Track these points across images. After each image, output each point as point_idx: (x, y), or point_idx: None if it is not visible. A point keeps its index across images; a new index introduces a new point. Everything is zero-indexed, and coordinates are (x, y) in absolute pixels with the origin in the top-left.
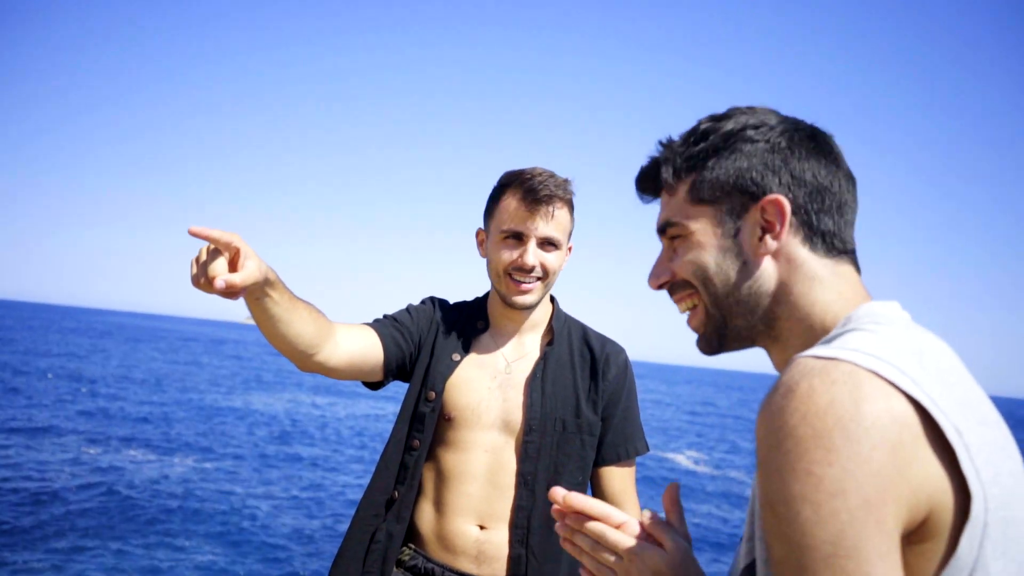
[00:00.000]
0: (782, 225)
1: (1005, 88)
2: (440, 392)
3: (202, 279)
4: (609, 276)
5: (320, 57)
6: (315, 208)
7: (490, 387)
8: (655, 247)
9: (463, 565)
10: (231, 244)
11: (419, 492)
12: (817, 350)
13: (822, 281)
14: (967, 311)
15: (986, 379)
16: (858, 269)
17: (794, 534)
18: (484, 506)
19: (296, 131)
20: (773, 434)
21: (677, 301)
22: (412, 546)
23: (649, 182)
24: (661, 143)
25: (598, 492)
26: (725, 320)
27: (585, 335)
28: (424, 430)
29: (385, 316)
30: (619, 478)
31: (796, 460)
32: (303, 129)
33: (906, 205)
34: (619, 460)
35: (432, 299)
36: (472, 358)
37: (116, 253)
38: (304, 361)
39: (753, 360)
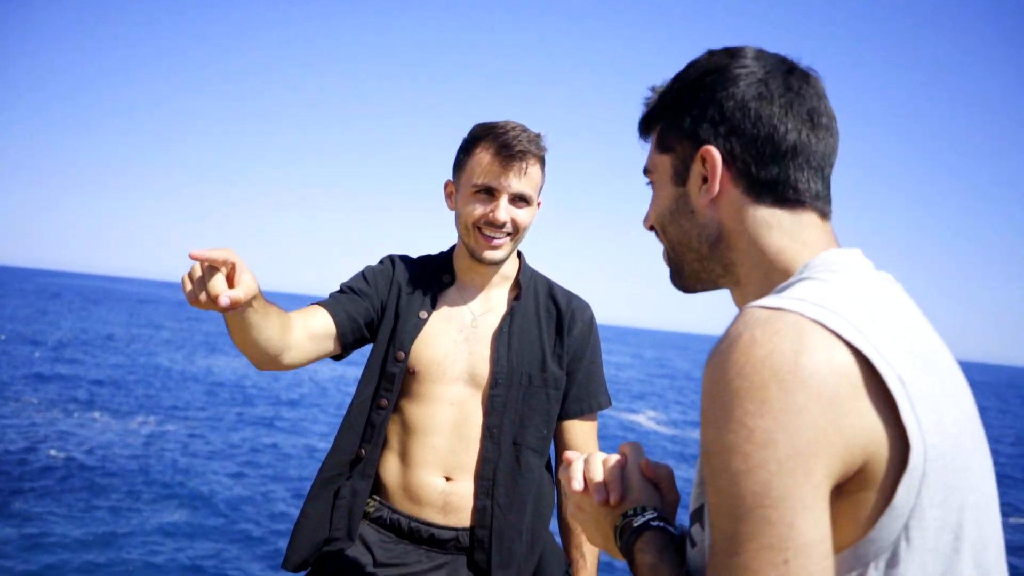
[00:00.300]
0: (713, 176)
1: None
2: (408, 351)
3: (202, 296)
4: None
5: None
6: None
7: (456, 340)
8: (621, 209)
9: (429, 516)
10: (228, 260)
11: (384, 445)
12: (766, 300)
13: (771, 229)
14: (974, 281)
15: (991, 348)
16: (825, 216)
17: (725, 483)
18: (450, 458)
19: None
20: (712, 385)
21: (661, 243)
22: (377, 498)
23: (640, 126)
24: (650, 88)
25: (561, 446)
26: (681, 264)
27: (551, 290)
28: (392, 389)
29: (341, 288)
30: (582, 432)
31: (731, 411)
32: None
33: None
34: (583, 414)
35: (391, 258)
36: (438, 313)
37: (70, 213)
38: (265, 363)
39: (716, 322)
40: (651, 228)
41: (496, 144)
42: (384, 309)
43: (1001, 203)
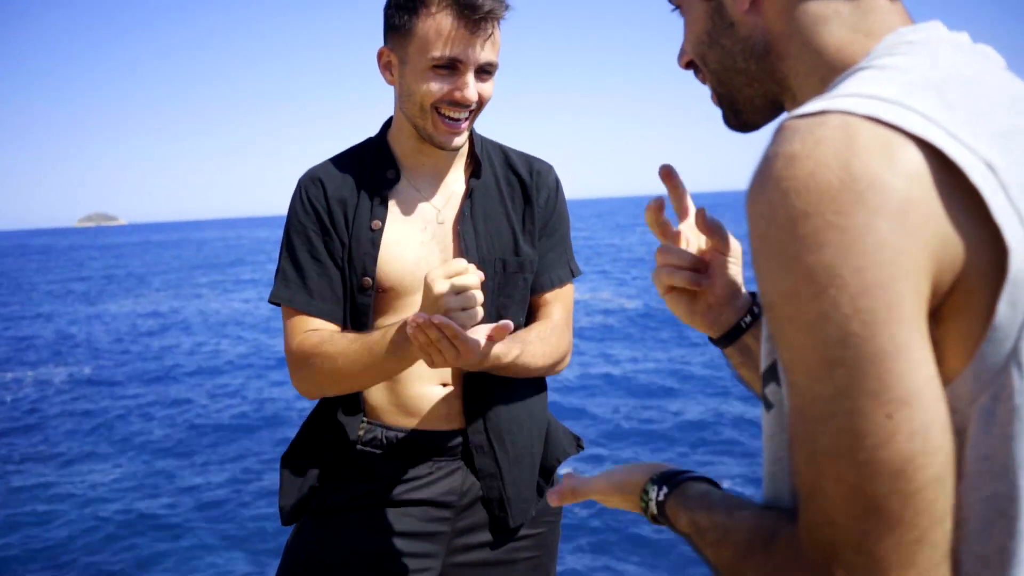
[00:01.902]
0: None
1: None
2: (375, 275)
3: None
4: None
5: None
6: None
7: (423, 241)
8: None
9: (431, 424)
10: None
11: None
12: (806, 106)
13: (827, 23)
14: None
15: None
16: None
17: (795, 337)
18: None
19: None
20: (756, 221)
21: (702, 82)
22: (366, 420)
23: None
24: None
25: (535, 319)
26: (732, 94)
27: (508, 159)
28: (368, 321)
29: (286, 272)
30: (558, 304)
31: (782, 250)
32: None
33: None
34: (560, 284)
35: (305, 188)
36: (395, 216)
37: None
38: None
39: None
40: (688, 65)
41: (457, 4)
42: (342, 244)
43: None
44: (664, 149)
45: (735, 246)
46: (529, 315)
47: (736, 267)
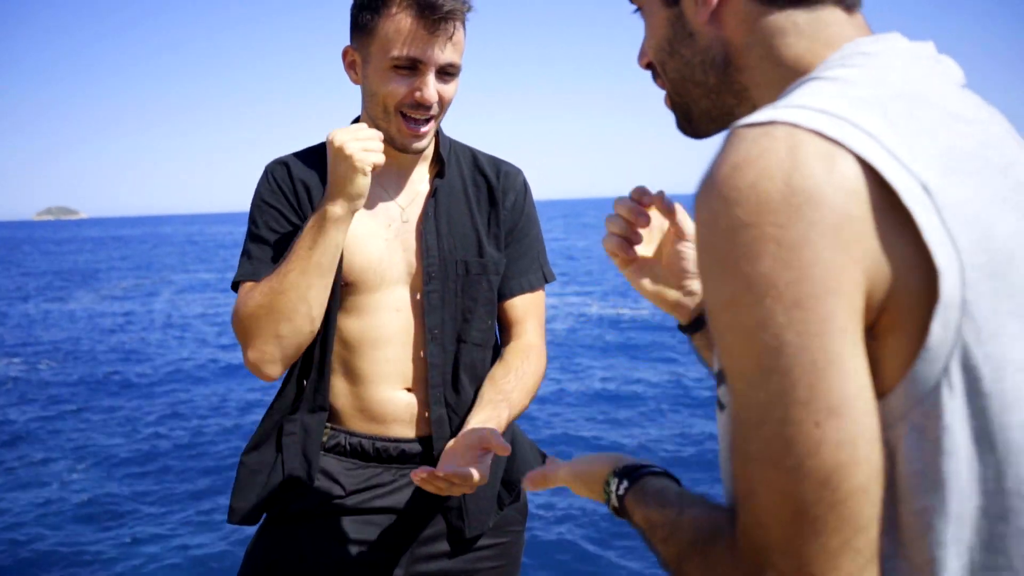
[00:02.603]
0: None
1: None
2: (338, 266)
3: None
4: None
5: None
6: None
7: (387, 239)
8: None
9: (397, 432)
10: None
11: (330, 371)
12: (755, 114)
13: (786, 35)
14: None
15: None
16: (851, 8)
17: (733, 343)
18: (406, 368)
19: None
20: (701, 228)
21: (660, 86)
22: (329, 425)
23: None
24: None
25: (507, 326)
26: (688, 105)
27: (476, 160)
28: (330, 312)
29: (252, 252)
30: (527, 310)
31: (722, 257)
32: None
33: None
34: (531, 288)
35: (272, 171)
36: (360, 213)
37: None
38: (289, 354)
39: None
40: (647, 66)
41: (417, 4)
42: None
43: None
44: (625, 150)
45: (692, 230)
46: (501, 322)
47: (693, 251)
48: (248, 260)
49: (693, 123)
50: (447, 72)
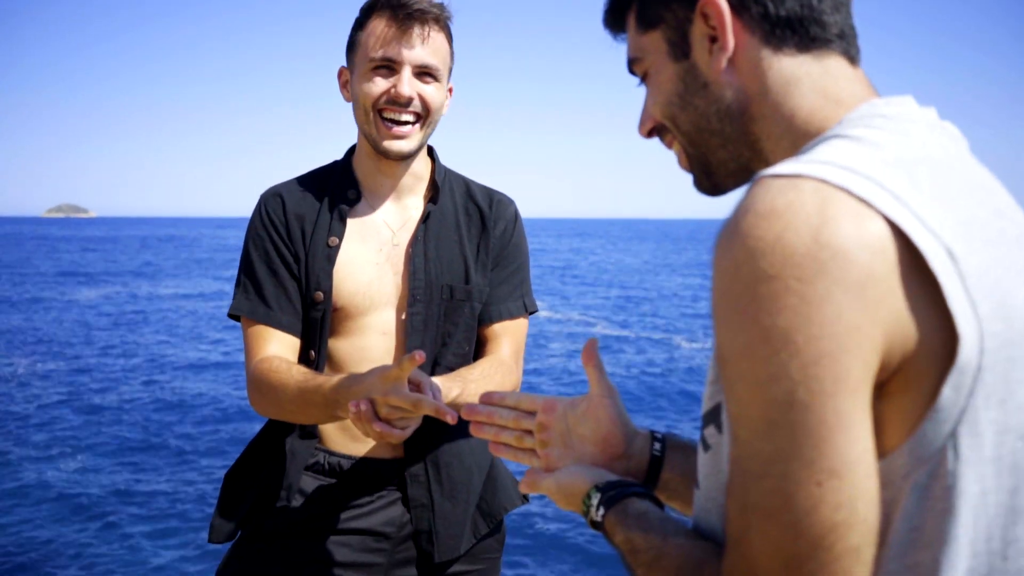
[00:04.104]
0: (723, 29)
1: None
2: (328, 290)
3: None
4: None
5: None
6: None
7: (378, 263)
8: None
9: (376, 452)
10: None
11: None
12: (781, 165)
13: (799, 84)
14: None
15: None
16: (855, 59)
17: (744, 393)
18: None
19: None
20: (719, 275)
21: (668, 146)
22: (317, 446)
23: (608, 17)
24: None
25: (486, 352)
26: (706, 156)
27: (469, 189)
28: (320, 337)
29: (244, 284)
30: (507, 336)
31: (741, 307)
32: None
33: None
34: (510, 316)
35: (265, 202)
36: (352, 235)
37: None
38: None
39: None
40: (651, 132)
41: (391, 8)
42: (297, 258)
43: None
44: (618, 174)
45: (613, 388)
46: (479, 348)
47: (620, 406)
48: (244, 294)
49: (712, 175)
50: (426, 73)
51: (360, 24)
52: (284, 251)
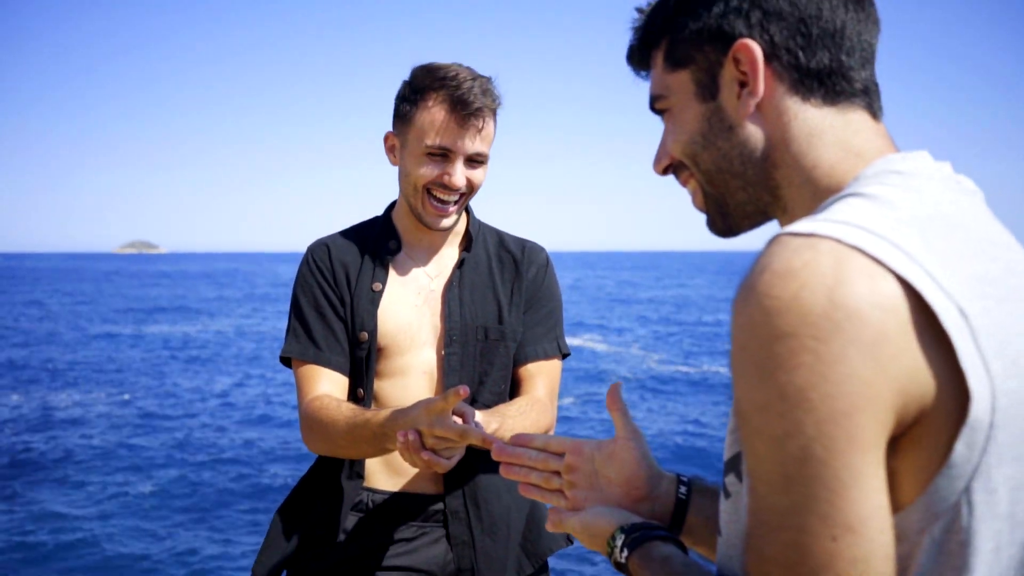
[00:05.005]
0: (754, 75)
1: None
2: (373, 330)
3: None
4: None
5: None
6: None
7: (416, 305)
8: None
9: (420, 488)
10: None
11: None
12: (798, 224)
13: (823, 135)
14: None
15: None
16: (876, 114)
17: (760, 447)
18: None
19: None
20: (738, 331)
21: (683, 184)
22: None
23: (634, 54)
24: (637, 9)
25: (517, 390)
26: (724, 197)
27: (501, 239)
28: (367, 376)
29: (295, 330)
30: (542, 376)
31: (759, 364)
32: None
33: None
34: (546, 356)
35: (313, 252)
36: (393, 281)
37: None
38: None
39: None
40: (667, 169)
41: (451, 100)
42: (343, 302)
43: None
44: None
45: (638, 431)
46: (514, 389)
47: (645, 448)
48: (295, 338)
49: (727, 216)
50: (475, 160)
51: (413, 100)
52: (331, 295)
